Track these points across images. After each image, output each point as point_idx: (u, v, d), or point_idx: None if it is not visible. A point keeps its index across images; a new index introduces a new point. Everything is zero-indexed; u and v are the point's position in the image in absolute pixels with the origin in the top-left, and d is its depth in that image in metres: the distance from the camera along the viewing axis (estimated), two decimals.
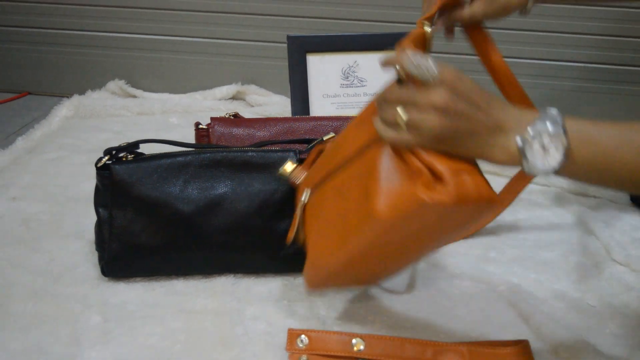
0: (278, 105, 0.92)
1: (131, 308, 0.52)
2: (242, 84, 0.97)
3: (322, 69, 0.75)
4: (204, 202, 0.53)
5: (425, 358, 0.46)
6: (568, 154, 0.36)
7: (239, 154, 0.54)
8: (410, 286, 0.55)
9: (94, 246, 0.56)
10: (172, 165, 0.53)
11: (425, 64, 0.38)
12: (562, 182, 0.73)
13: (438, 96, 0.37)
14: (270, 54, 0.96)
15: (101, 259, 0.55)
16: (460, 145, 0.38)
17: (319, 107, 0.76)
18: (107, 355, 0.47)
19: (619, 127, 0.37)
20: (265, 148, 0.55)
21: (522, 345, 0.47)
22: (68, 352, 0.47)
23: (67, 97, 0.95)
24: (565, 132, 0.36)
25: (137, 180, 0.53)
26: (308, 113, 0.75)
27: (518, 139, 0.37)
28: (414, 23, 1.01)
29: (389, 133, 0.39)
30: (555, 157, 0.36)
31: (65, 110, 0.91)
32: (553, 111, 0.37)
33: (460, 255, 0.60)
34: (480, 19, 0.53)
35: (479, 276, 0.57)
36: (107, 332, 0.49)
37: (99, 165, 0.53)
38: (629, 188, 0.38)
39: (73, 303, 0.52)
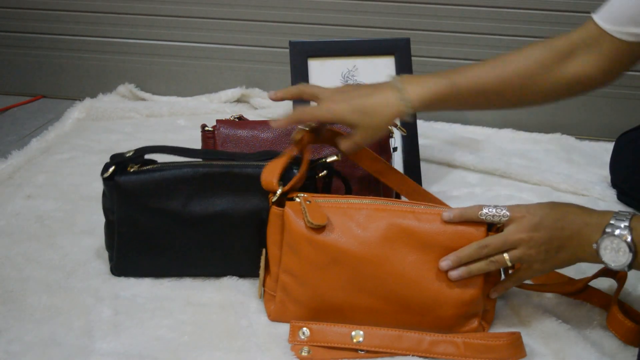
0: (281, 108, 0.93)
1: (141, 301, 0.54)
2: (247, 88, 0.99)
3: (323, 73, 0.77)
4: (206, 213, 0.54)
5: (421, 349, 0.48)
6: (636, 252, 0.43)
7: (239, 169, 0.54)
8: None
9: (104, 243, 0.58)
10: (175, 177, 0.54)
11: (497, 212, 0.47)
12: (552, 181, 0.75)
13: (522, 232, 0.46)
14: (273, 58, 0.97)
15: (110, 259, 0.57)
16: (559, 256, 0.46)
17: None
18: (118, 346, 0.48)
19: None
20: (267, 163, 0.55)
21: (514, 337, 0.48)
22: (80, 343, 0.49)
23: (80, 100, 0.97)
24: (631, 239, 0.43)
25: (142, 193, 0.53)
26: None
27: (594, 245, 0.44)
28: (409, 29, 1.03)
29: (509, 282, 0.49)
30: (625, 257, 0.43)
31: (77, 112, 0.93)
32: (622, 215, 0.44)
33: None
34: (362, 146, 0.54)
35: None
36: (118, 324, 0.51)
37: (105, 175, 0.53)
38: None
39: (85, 296, 0.54)
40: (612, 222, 0.45)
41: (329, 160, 0.55)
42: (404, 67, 0.78)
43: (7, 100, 1.03)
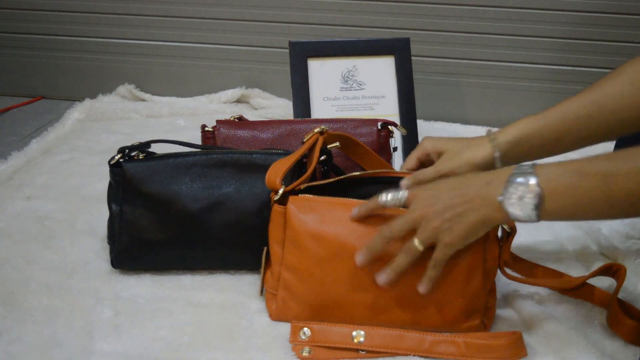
0: (280, 108, 0.94)
1: (141, 302, 0.54)
2: (246, 88, 0.99)
3: (323, 73, 0.77)
4: (209, 200, 0.54)
5: (422, 349, 0.48)
6: (541, 199, 0.42)
7: (244, 155, 0.55)
8: None
9: (105, 243, 0.58)
10: (180, 164, 0.55)
11: (393, 194, 0.47)
12: None
13: (419, 209, 0.45)
14: (273, 59, 0.98)
15: (112, 252, 0.57)
16: (465, 220, 0.44)
17: (319, 109, 0.77)
18: (119, 347, 0.48)
19: (577, 161, 0.43)
20: (269, 150, 0.57)
21: (515, 337, 0.48)
22: (81, 344, 0.49)
23: (80, 100, 0.97)
24: (537, 182, 0.42)
25: (147, 178, 0.55)
26: (309, 115, 0.77)
27: (499, 198, 0.43)
28: (409, 29, 1.03)
29: (431, 270, 0.47)
30: (531, 204, 0.42)
31: (77, 113, 0.93)
32: (525, 166, 0.43)
33: None
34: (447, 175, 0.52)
35: None
36: (118, 324, 0.51)
37: (112, 162, 0.55)
38: (600, 214, 0.43)
39: (86, 297, 0.54)
40: (514, 171, 0.43)
41: (329, 146, 0.55)
42: (404, 67, 0.78)
43: (7, 101, 1.03)
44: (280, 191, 0.50)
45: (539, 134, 0.51)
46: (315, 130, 0.54)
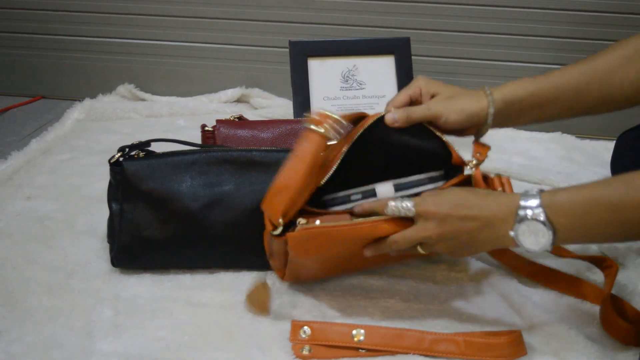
0: (281, 107, 0.94)
1: (141, 302, 0.54)
2: (246, 88, 0.99)
3: (323, 72, 0.77)
4: (209, 198, 0.54)
5: (422, 347, 0.48)
6: (554, 232, 0.42)
7: (244, 152, 0.56)
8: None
9: (105, 243, 0.58)
10: (180, 162, 0.55)
11: (402, 206, 0.46)
12: (553, 180, 0.75)
13: (427, 230, 0.45)
14: (273, 58, 0.98)
15: (111, 250, 0.57)
16: (473, 246, 0.46)
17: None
18: (119, 347, 0.48)
19: (586, 190, 0.42)
20: (268, 148, 0.57)
21: (514, 335, 0.48)
22: (81, 344, 0.49)
23: (79, 100, 0.97)
24: (546, 215, 0.42)
25: (147, 176, 0.55)
26: None
27: (511, 233, 0.43)
28: (409, 28, 1.03)
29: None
30: (545, 239, 0.42)
31: (77, 113, 0.93)
32: (532, 193, 0.43)
33: None
34: (439, 118, 0.50)
35: (474, 269, 0.58)
36: (119, 324, 0.51)
37: (112, 161, 0.55)
38: (612, 239, 0.45)
39: (86, 297, 0.54)
40: (521, 203, 0.42)
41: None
42: (404, 66, 0.78)
43: (7, 100, 1.03)
44: (280, 229, 0.47)
45: (531, 97, 0.50)
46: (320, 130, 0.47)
